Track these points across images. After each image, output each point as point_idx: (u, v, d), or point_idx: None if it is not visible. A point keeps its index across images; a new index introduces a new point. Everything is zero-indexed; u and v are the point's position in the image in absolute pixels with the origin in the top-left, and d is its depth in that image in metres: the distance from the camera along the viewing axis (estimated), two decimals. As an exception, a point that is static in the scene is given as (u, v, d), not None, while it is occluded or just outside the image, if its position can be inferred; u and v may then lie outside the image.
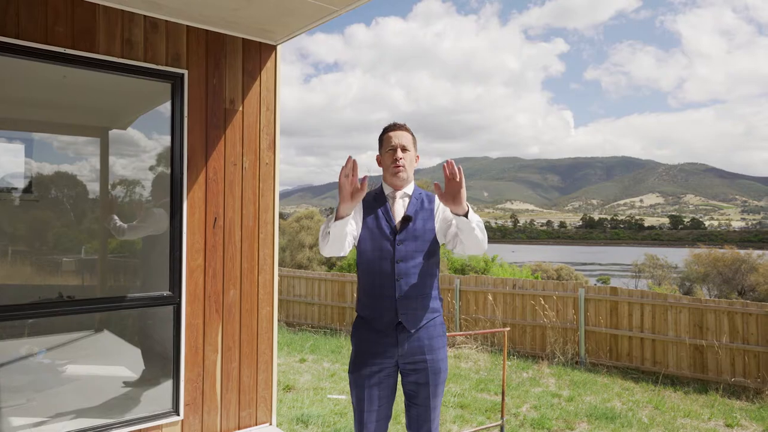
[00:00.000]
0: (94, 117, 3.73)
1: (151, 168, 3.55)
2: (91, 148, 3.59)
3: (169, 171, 3.26)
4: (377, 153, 2.58)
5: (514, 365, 8.73)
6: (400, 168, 2.45)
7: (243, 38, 3.50)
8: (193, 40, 3.29)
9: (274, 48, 3.64)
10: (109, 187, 3.49)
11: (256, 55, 3.56)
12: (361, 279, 2.48)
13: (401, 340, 2.38)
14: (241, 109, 3.49)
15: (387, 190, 2.52)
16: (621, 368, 8.85)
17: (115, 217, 3.38)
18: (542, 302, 9.59)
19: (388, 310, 2.37)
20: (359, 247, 2.47)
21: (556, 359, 9.12)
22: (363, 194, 2.20)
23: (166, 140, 3.29)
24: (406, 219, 2.43)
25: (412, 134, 2.54)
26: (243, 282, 3.47)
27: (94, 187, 3.48)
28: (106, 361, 3.65)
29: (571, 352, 9.22)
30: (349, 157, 2.17)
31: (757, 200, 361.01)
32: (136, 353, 3.63)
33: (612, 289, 9.37)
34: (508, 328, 5.25)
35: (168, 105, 3.28)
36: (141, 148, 3.60)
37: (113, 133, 3.63)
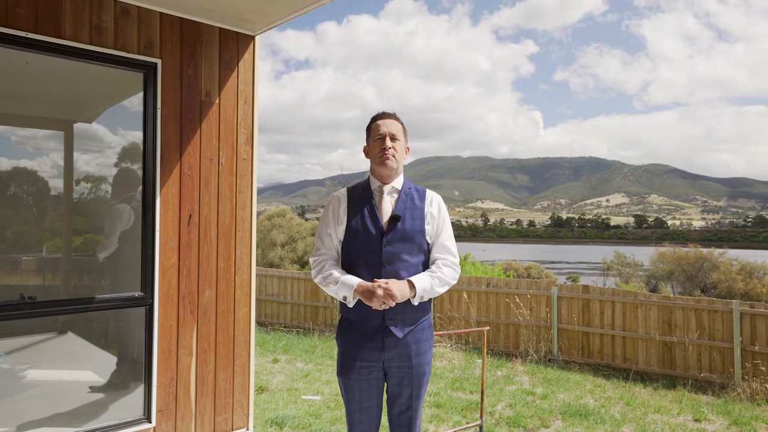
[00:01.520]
0: (58, 109, 3.53)
1: (116, 164, 3.38)
2: (53, 143, 3.40)
3: (135, 167, 3.10)
4: (365, 144, 2.46)
5: (488, 363, 8.77)
6: (389, 156, 2.33)
7: (220, 27, 3.35)
8: (167, 28, 3.14)
9: (252, 38, 3.50)
10: (74, 183, 3.31)
11: (234, 45, 3.42)
12: None
13: (388, 345, 2.30)
14: (217, 101, 3.35)
15: (374, 184, 2.40)
16: (592, 365, 8.99)
17: (100, 253, 3.32)
18: (517, 300, 9.66)
19: (375, 315, 2.28)
20: (344, 247, 2.37)
21: (529, 357, 9.21)
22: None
23: (132, 135, 3.13)
24: (394, 218, 2.31)
25: (401, 123, 2.42)
26: (219, 282, 3.33)
27: (55, 184, 3.29)
28: (70, 366, 3.46)
29: (544, 349, 9.32)
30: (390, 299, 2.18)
31: (717, 200, 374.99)
32: (103, 356, 3.45)
33: (584, 287, 9.50)
34: (488, 327, 5.23)
35: (134, 99, 3.12)
36: (106, 144, 3.43)
37: (77, 127, 3.44)
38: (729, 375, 7.96)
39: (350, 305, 2.29)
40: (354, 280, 2.25)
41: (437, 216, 2.40)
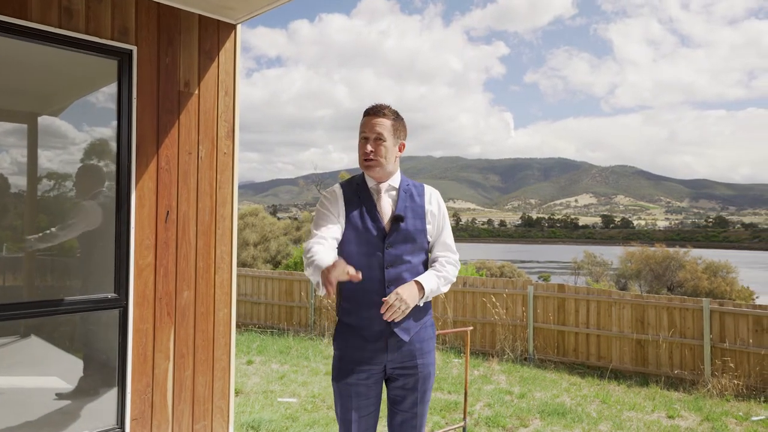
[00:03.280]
0: (22, 100, 3.31)
1: (82, 160, 3.18)
2: (12, 139, 3.18)
3: (101, 163, 2.92)
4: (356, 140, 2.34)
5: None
6: (370, 162, 2.19)
7: (200, 14, 3.19)
8: (143, 14, 2.96)
9: (233, 27, 3.35)
10: (37, 179, 3.10)
11: (214, 34, 3.26)
12: (344, 284, 2.17)
13: (391, 345, 2.18)
14: (197, 92, 3.19)
15: (370, 182, 2.27)
16: (568, 364, 9.08)
17: (34, 236, 2.99)
18: (493, 299, 9.69)
19: (379, 321, 2.13)
20: (343, 249, 2.21)
21: (505, 356, 9.24)
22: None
23: (100, 132, 2.96)
24: (397, 218, 2.19)
25: (393, 118, 2.24)
26: (198, 282, 3.17)
27: (16, 181, 3.08)
28: (34, 371, 3.25)
29: (520, 348, 9.37)
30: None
31: (679, 201, 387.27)
32: (71, 361, 3.25)
33: (559, 286, 9.60)
34: (471, 328, 5.18)
35: (101, 93, 2.94)
36: (70, 140, 3.22)
37: (41, 120, 3.22)
38: (699, 372, 8.14)
39: (320, 294, 2.05)
40: (325, 262, 1.91)
41: (437, 214, 2.30)
